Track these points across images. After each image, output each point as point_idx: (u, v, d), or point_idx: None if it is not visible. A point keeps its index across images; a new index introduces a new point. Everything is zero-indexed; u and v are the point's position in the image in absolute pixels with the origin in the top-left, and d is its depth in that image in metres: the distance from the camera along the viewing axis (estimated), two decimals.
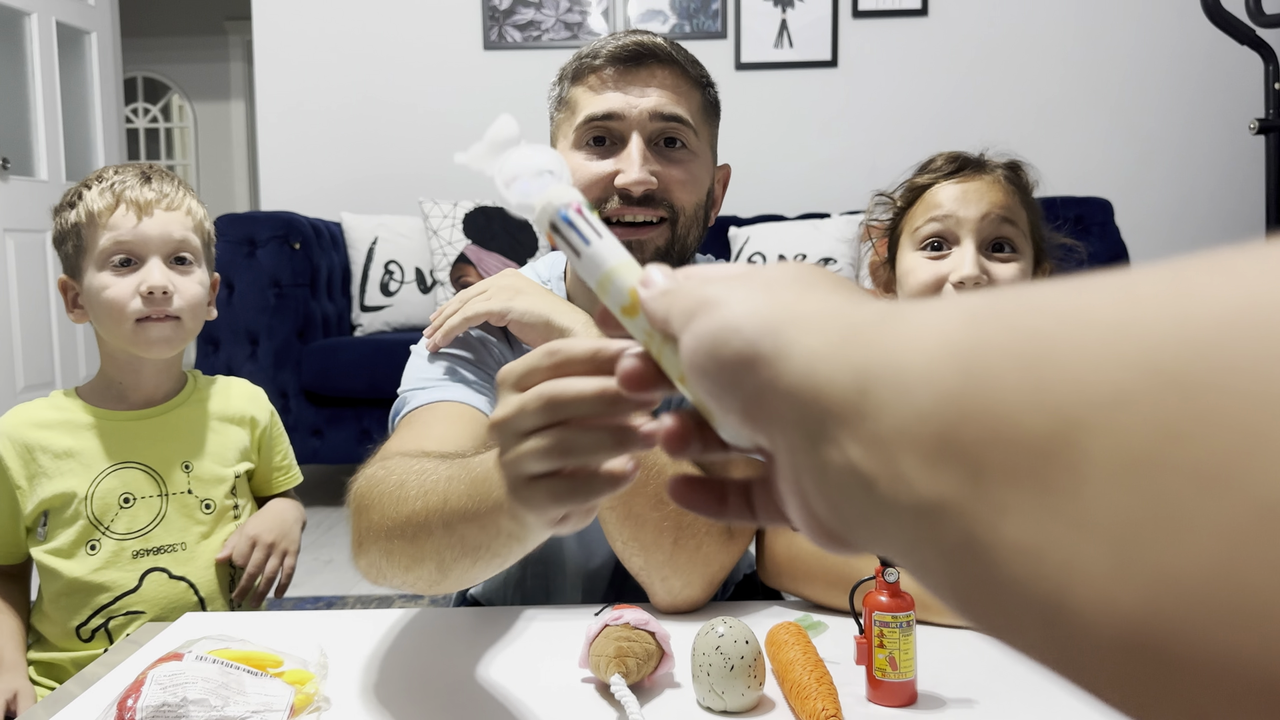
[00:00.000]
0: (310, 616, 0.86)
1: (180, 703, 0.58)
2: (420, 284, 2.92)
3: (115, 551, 0.95)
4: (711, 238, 2.99)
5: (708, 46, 3.29)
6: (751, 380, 0.25)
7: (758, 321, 0.25)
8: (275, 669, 0.65)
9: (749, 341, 0.25)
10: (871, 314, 0.23)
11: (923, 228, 0.91)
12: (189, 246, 0.98)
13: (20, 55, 3.54)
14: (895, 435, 0.19)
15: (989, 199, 0.90)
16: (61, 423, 0.97)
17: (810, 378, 0.22)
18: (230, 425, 1.03)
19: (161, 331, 0.96)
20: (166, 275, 0.95)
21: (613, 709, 0.65)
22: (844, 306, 0.25)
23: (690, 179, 0.87)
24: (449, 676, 0.72)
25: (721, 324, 0.27)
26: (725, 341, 0.26)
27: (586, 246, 0.37)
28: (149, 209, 0.95)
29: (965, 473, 0.17)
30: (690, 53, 0.90)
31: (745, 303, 0.27)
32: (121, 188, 0.95)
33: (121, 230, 0.94)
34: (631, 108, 0.85)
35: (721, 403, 0.27)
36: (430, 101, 3.35)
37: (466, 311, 0.84)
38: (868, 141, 3.26)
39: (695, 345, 0.28)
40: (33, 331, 3.55)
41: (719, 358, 0.26)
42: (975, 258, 0.87)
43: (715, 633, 0.65)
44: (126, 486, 0.97)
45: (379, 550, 0.69)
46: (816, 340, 0.23)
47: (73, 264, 0.98)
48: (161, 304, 0.95)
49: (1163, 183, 3.21)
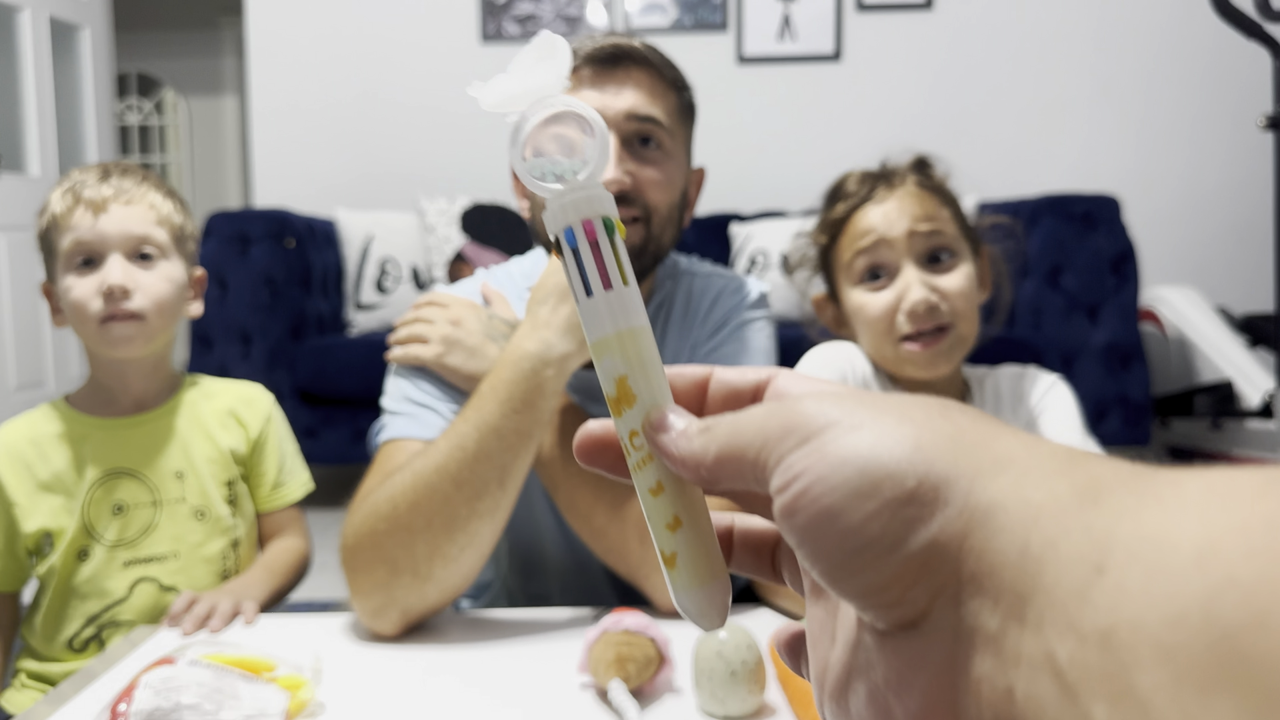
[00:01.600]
0: (304, 620, 0.85)
1: (174, 708, 0.57)
2: (416, 282, 2.91)
3: (106, 560, 0.94)
4: (712, 234, 2.98)
5: (709, 39, 3.28)
6: (917, 534, 0.19)
7: (937, 455, 0.19)
8: (269, 674, 0.64)
9: (928, 477, 0.19)
10: (1108, 471, 0.18)
11: (855, 262, 0.89)
12: (151, 241, 0.95)
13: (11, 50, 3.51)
14: (1141, 636, 0.15)
15: (910, 213, 0.87)
16: (55, 435, 0.96)
17: (1025, 543, 0.17)
18: (222, 431, 1.01)
19: (124, 330, 0.93)
20: (126, 272, 0.93)
21: (612, 715, 0.64)
22: (1053, 450, 0.19)
23: (665, 179, 0.88)
24: (446, 681, 0.71)
25: (874, 454, 0.19)
26: (888, 476, 0.19)
27: (587, 298, 0.27)
28: (104, 206, 0.93)
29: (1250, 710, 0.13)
30: (666, 56, 0.91)
31: (899, 428, 0.20)
32: (81, 188, 0.94)
33: (80, 230, 0.93)
34: (607, 108, 0.86)
35: (843, 560, 0.20)
36: (426, 96, 3.33)
37: (411, 352, 0.89)
38: (872, 137, 3.24)
39: (821, 478, 0.20)
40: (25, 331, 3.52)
41: (872, 497, 0.19)
42: (919, 279, 0.86)
43: (717, 638, 0.64)
44: (119, 494, 0.95)
45: (384, 566, 0.77)
46: (1040, 494, 0.18)
47: (50, 270, 0.97)
48: (121, 301, 0.92)
49: (1171, 179, 3.20)
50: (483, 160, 3.20)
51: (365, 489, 0.82)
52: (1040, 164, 3.18)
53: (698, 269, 1.00)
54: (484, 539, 0.78)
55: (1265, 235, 2.96)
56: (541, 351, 0.78)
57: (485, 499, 0.76)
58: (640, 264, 0.88)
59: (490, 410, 0.77)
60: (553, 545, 0.94)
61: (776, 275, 2.74)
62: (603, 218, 0.27)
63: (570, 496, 0.83)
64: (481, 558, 0.79)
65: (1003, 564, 0.18)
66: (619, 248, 0.27)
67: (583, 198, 0.27)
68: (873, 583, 0.19)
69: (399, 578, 0.76)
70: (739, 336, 0.95)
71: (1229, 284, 3.13)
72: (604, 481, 0.83)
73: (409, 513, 0.76)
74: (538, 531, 0.93)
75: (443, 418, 0.87)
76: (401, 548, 0.76)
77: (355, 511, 0.80)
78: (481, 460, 0.76)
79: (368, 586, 0.77)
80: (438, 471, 0.76)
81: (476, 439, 0.76)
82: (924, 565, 0.19)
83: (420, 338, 0.89)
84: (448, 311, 0.90)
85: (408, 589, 0.77)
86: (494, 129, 3.23)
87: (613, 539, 0.82)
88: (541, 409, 0.78)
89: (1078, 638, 0.16)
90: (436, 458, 0.77)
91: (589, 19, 3.29)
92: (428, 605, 0.78)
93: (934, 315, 0.85)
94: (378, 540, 0.77)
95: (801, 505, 0.20)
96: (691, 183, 0.96)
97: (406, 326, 0.91)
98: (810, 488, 0.20)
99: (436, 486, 0.76)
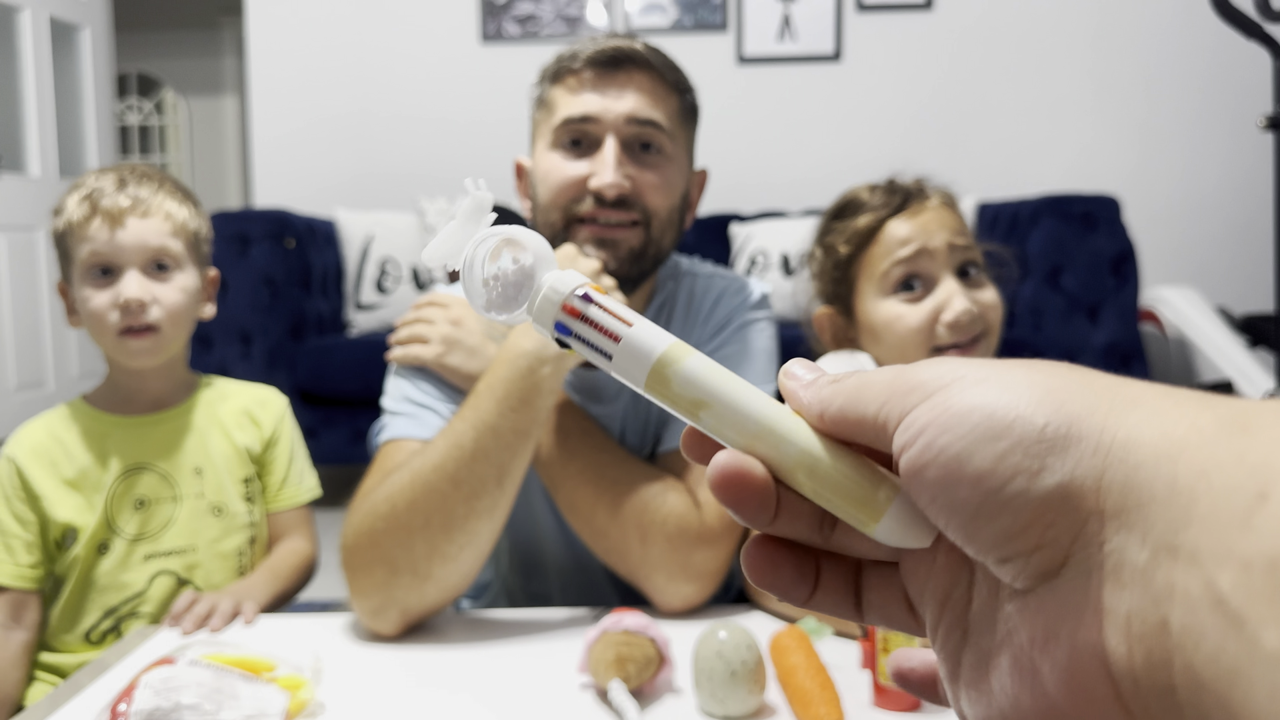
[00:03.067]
0: (304, 620, 0.85)
1: (174, 708, 0.58)
2: (416, 282, 2.91)
3: (126, 553, 0.95)
4: (712, 235, 2.98)
5: (709, 39, 3.28)
6: (1052, 471, 0.19)
7: (1067, 396, 0.19)
8: (269, 674, 0.64)
9: (1058, 415, 0.19)
10: (1249, 404, 0.18)
11: (891, 271, 0.87)
12: (168, 253, 0.96)
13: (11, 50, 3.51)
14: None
15: (949, 227, 0.87)
16: (78, 433, 0.97)
17: (1172, 475, 0.17)
18: (238, 430, 1.03)
19: (141, 344, 0.95)
20: (143, 286, 0.94)
21: (613, 715, 0.64)
22: (1185, 392, 0.19)
23: (664, 183, 0.88)
24: (446, 681, 0.71)
25: (1000, 399, 0.20)
26: (1017, 417, 0.19)
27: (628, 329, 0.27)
28: (122, 219, 0.94)
29: None
30: (670, 58, 0.90)
31: (1026, 377, 0.20)
32: (98, 196, 0.94)
33: (98, 242, 0.93)
34: (608, 111, 0.85)
35: (977, 506, 0.20)
36: (426, 96, 3.33)
37: (411, 352, 0.89)
38: (872, 137, 3.24)
39: (946, 428, 0.20)
40: (24, 331, 3.52)
41: (1001, 438, 0.19)
42: (963, 290, 0.85)
43: (717, 638, 0.64)
44: (140, 489, 0.96)
45: (384, 565, 0.77)
46: (1181, 427, 0.18)
47: (66, 272, 0.98)
48: (138, 315, 0.93)
49: (1171, 179, 3.20)
50: (483, 160, 3.20)
51: (365, 489, 0.82)
52: (1040, 164, 3.17)
53: (699, 270, 1.00)
54: (483, 538, 0.78)
55: (1265, 235, 2.96)
56: (538, 349, 0.78)
57: (483, 498, 0.76)
58: (641, 267, 0.88)
59: (487, 409, 0.77)
60: (553, 545, 0.94)
61: (777, 275, 2.74)
62: (575, 295, 0.27)
63: (570, 496, 0.83)
64: (481, 557, 0.79)
65: (1149, 497, 0.17)
66: (607, 306, 0.27)
67: (544, 298, 0.28)
68: (1010, 527, 0.19)
69: (398, 577, 0.76)
70: (741, 338, 0.95)
71: (1229, 284, 3.13)
72: (604, 481, 0.82)
73: (407, 512, 0.76)
74: (538, 531, 0.93)
75: (442, 418, 0.87)
76: (400, 547, 0.76)
77: (355, 511, 0.80)
78: (479, 459, 0.76)
79: (367, 586, 0.77)
80: (436, 470, 0.76)
81: (474, 438, 0.77)
82: (1063, 502, 0.19)
83: (420, 338, 0.90)
84: (448, 311, 0.90)
85: (407, 588, 0.77)
86: (495, 129, 3.23)
87: (613, 539, 0.82)
88: (539, 407, 0.78)
89: (1241, 565, 0.16)
90: (434, 457, 0.77)
91: (589, 19, 3.29)
92: (427, 605, 0.78)
93: (973, 326, 0.85)
94: (377, 539, 0.77)
95: (929, 458, 0.20)
96: (693, 184, 0.95)
97: (407, 327, 0.91)
98: (935, 439, 0.20)
99: (434, 485, 0.76)
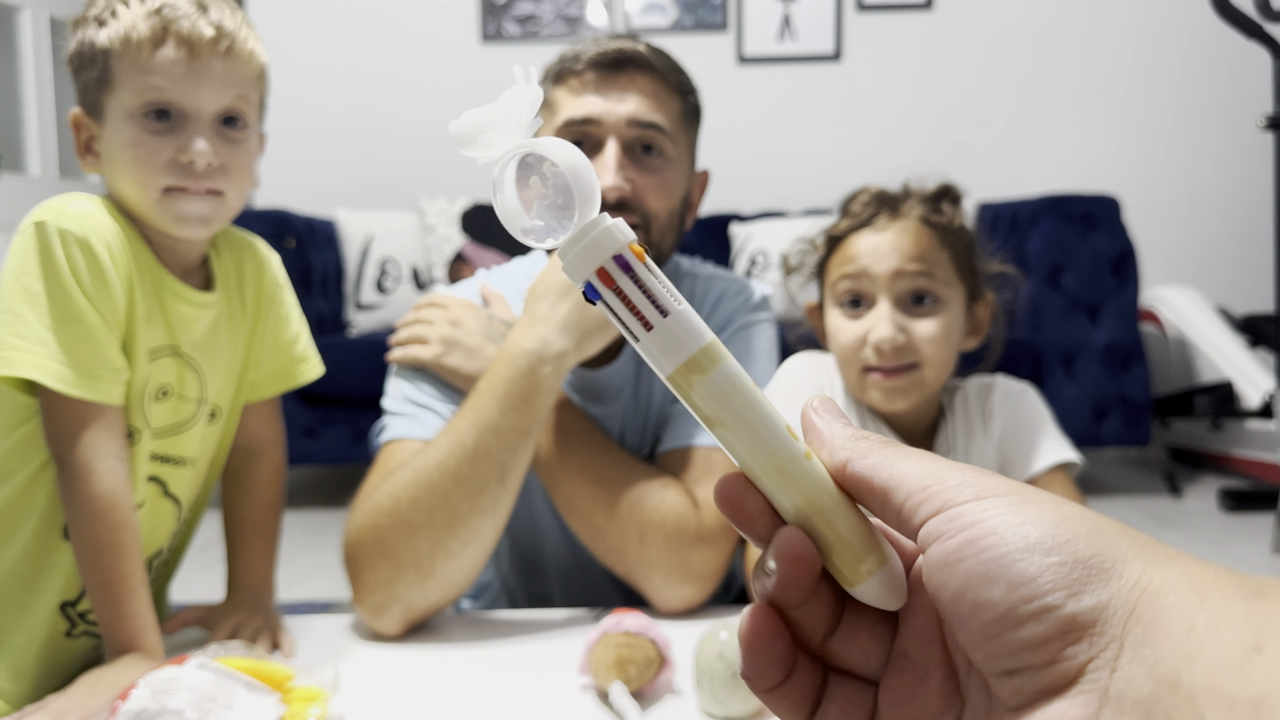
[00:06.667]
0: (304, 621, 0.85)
1: (159, 711, 0.57)
2: (416, 282, 2.90)
3: (141, 452, 0.76)
4: (712, 235, 2.97)
5: (709, 39, 3.27)
6: (1092, 593, 0.20)
7: (1115, 539, 0.21)
8: (288, 684, 0.64)
9: (1105, 550, 0.21)
10: (1270, 579, 0.20)
11: (839, 284, 0.89)
12: (245, 107, 0.76)
13: (11, 50, 3.51)
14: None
15: (901, 251, 0.86)
16: (129, 258, 0.75)
17: (1191, 622, 0.19)
18: (245, 315, 0.85)
19: (197, 208, 0.74)
20: (214, 145, 0.74)
21: (613, 717, 0.64)
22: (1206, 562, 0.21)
23: (664, 186, 0.88)
24: (446, 682, 0.71)
25: (1057, 524, 0.21)
26: (1071, 539, 0.21)
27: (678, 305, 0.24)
28: (202, 53, 0.72)
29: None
30: (672, 59, 0.90)
31: (1077, 514, 0.22)
32: (172, 14, 0.72)
33: (165, 78, 0.72)
34: (609, 113, 0.85)
35: (1007, 610, 0.21)
36: (426, 95, 3.33)
37: (410, 352, 0.89)
38: (872, 137, 3.24)
39: (994, 530, 0.21)
40: None
41: (1052, 553, 0.21)
42: (891, 318, 0.85)
43: (718, 639, 0.64)
44: (168, 376, 0.77)
45: (387, 562, 0.77)
46: (1208, 585, 0.20)
47: (91, 98, 0.75)
48: (202, 178, 0.74)
49: (1171, 179, 3.20)
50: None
51: (367, 488, 0.82)
52: (1040, 164, 3.17)
53: (700, 271, 0.99)
54: (485, 535, 0.78)
55: (1265, 235, 2.96)
56: (538, 349, 0.78)
57: (485, 495, 0.77)
58: None
59: (488, 407, 0.77)
60: (553, 545, 0.94)
61: (777, 276, 2.73)
62: (614, 256, 0.24)
63: (569, 496, 0.83)
64: (483, 554, 0.79)
65: (1166, 636, 0.19)
66: (646, 281, 0.24)
67: (583, 247, 0.24)
68: (1034, 637, 0.21)
69: (401, 573, 0.77)
70: (742, 339, 0.94)
71: (1229, 284, 3.13)
72: (603, 481, 0.82)
73: (410, 509, 0.76)
74: (538, 531, 0.93)
75: (443, 418, 0.87)
76: (404, 543, 0.76)
77: (357, 509, 0.80)
78: (481, 457, 0.76)
79: (371, 583, 0.77)
80: (438, 468, 0.77)
81: (475, 436, 0.77)
82: (1092, 624, 0.20)
83: (420, 338, 0.89)
84: (447, 312, 0.90)
85: (410, 585, 0.77)
86: None
87: (611, 539, 0.82)
88: (539, 406, 0.78)
89: (1227, 705, 0.18)
90: (437, 455, 0.77)
91: (589, 19, 3.29)
92: (430, 602, 0.78)
93: (899, 355, 0.85)
94: (380, 536, 0.77)
95: (969, 553, 0.21)
96: (695, 186, 0.95)
97: (407, 327, 0.91)
98: (981, 538, 0.21)
99: (437, 483, 0.76)
